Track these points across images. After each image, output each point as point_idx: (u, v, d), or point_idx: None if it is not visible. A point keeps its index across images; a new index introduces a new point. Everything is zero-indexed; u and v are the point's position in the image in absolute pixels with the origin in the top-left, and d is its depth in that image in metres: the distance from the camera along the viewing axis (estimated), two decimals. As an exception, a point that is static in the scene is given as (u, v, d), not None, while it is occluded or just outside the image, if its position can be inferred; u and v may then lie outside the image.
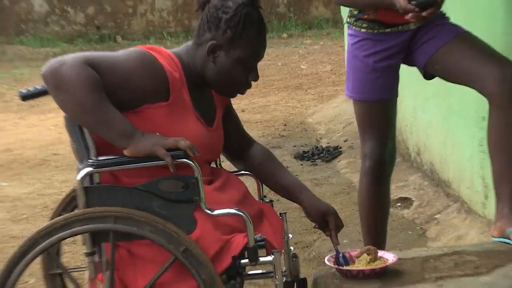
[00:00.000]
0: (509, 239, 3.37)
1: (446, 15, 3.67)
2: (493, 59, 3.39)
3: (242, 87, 3.12)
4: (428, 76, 3.70)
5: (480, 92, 3.40)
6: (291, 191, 3.29)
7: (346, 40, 3.82)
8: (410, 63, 3.74)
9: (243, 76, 3.08)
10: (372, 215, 3.87)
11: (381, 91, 3.73)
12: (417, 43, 3.63)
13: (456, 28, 3.60)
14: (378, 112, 3.76)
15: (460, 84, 3.57)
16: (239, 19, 3.01)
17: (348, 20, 3.76)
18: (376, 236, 3.89)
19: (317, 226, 3.28)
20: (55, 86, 2.86)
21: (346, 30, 3.83)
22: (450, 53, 3.52)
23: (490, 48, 3.49)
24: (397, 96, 3.82)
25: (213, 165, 3.23)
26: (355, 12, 3.69)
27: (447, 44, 3.53)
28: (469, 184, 4.63)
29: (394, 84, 3.77)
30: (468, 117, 4.34)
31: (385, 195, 3.91)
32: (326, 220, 3.24)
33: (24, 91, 3.17)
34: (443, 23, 3.62)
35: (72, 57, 2.89)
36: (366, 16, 3.65)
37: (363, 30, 3.68)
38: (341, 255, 3.29)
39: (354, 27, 3.72)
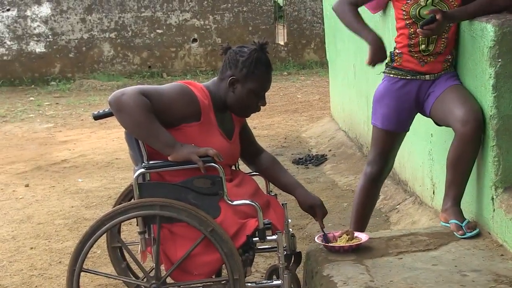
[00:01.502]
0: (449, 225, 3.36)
1: (456, 72, 3.55)
2: (464, 106, 3.28)
3: (253, 110, 3.10)
4: (436, 123, 3.58)
5: (453, 129, 3.34)
6: (289, 187, 3.25)
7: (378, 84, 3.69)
8: (423, 114, 3.60)
9: (255, 102, 3.06)
10: (362, 207, 3.78)
11: (399, 125, 3.60)
12: (425, 95, 3.50)
13: (450, 81, 3.46)
14: (390, 139, 3.62)
15: (445, 126, 3.48)
16: (252, 60, 3.00)
17: (384, 70, 3.62)
18: (362, 221, 3.80)
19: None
20: (118, 109, 2.86)
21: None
22: (439, 102, 3.42)
23: (467, 97, 3.36)
24: (408, 131, 3.69)
25: (232, 167, 3.20)
26: (389, 62, 3.57)
27: (440, 95, 3.43)
28: (421, 183, 4.58)
29: (409, 121, 3.63)
30: (420, 134, 4.30)
31: (375, 194, 3.81)
32: (314, 209, 3.22)
33: (96, 112, 3.17)
34: (446, 77, 3.49)
35: (130, 88, 2.89)
36: (395, 64, 3.53)
37: (391, 75, 3.55)
38: (325, 234, 3.25)
39: (386, 74, 3.59)
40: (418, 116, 3.67)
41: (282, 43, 13.16)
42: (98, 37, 12.51)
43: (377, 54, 3.50)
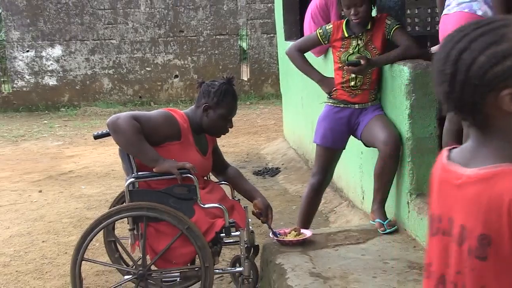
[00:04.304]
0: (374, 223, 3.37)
1: (380, 104, 3.56)
2: (386, 131, 3.32)
3: (223, 131, 3.11)
4: (365, 145, 3.59)
5: (378, 149, 3.37)
6: (249, 193, 3.25)
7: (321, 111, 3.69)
8: (356, 137, 3.61)
9: (224, 125, 3.07)
10: (308, 210, 3.76)
11: (335, 143, 3.59)
12: (356, 121, 3.53)
13: (376, 112, 3.48)
14: (328, 154, 3.62)
15: (372, 147, 3.50)
16: (221, 91, 3.02)
17: (325, 100, 3.64)
18: (307, 221, 3.77)
19: (260, 216, 3.20)
20: (114, 131, 2.84)
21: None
22: (367, 129, 3.45)
23: (388, 124, 3.38)
24: (343, 149, 3.67)
25: (205, 178, 3.19)
26: (328, 94, 3.59)
27: (368, 123, 3.46)
28: (353, 190, 4.61)
29: (344, 140, 3.62)
30: (353, 152, 4.32)
31: (317, 200, 3.78)
32: (266, 211, 3.19)
33: (95, 133, 3.13)
34: (373, 108, 3.51)
35: (124, 114, 2.88)
36: (332, 96, 3.56)
37: (329, 104, 3.58)
38: (277, 231, 3.24)
39: (326, 103, 3.62)
40: (351, 138, 3.70)
41: (245, 79, 13.18)
42: (99, 73, 12.40)
43: (328, 86, 3.60)
